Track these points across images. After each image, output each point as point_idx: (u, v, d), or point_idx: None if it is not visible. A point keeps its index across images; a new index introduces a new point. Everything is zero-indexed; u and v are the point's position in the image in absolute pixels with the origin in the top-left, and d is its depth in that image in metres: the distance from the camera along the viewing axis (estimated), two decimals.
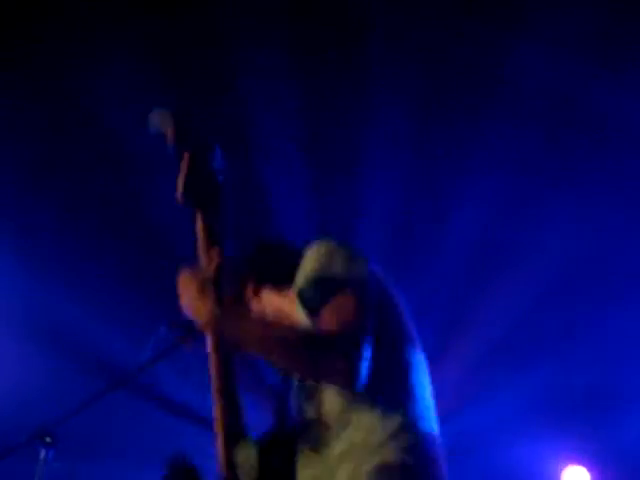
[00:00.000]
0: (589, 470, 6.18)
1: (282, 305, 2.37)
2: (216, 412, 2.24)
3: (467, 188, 5.43)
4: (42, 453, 3.14)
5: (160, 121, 2.31)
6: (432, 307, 5.86)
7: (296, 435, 2.20)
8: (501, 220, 5.50)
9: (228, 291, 2.41)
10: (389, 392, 2.12)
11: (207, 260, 2.27)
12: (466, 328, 5.99)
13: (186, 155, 2.27)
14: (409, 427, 2.10)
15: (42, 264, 5.59)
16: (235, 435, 2.27)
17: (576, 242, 5.42)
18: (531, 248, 5.59)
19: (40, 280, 5.55)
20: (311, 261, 2.20)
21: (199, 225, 2.29)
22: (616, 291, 5.74)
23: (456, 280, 5.79)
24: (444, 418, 6.16)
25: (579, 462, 6.21)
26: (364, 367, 2.01)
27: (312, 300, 2.13)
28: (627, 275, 5.67)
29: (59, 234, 5.57)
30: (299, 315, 2.17)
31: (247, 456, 2.26)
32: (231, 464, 2.20)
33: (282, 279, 2.37)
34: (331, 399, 2.12)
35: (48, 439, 3.16)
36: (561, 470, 6.23)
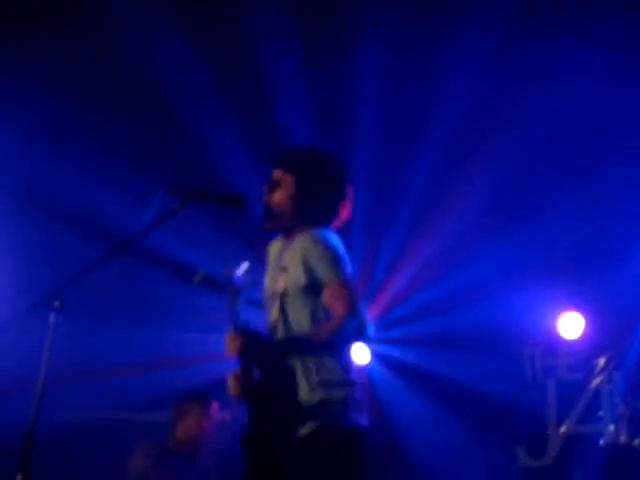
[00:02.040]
0: (584, 316, 6.32)
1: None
2: None
3: (456, 47, 5.39)
4: (52, 317, 3.20)
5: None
6: (426, 167, 5.88)
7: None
8: (492, 76, 5.47)
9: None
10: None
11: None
12: (464, 183, 6.02)
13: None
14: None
15: (39, 130, 5.55)
16: None
17: (571, 97, 5.38)
18: (527, 102, 5.57)
19: (38, 147, 5.52)
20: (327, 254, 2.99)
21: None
22: (611, 145, 5.74)
23: (449, 139, 5.79)
24: (446, 273, 6.27)
25: (574, 309, 6.34)
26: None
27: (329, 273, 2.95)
28: (623, 129, 5.65)
29: (55, 95, 5.50)
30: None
31: None
32: None
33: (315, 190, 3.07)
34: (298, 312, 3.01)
35: (57, 303, 3.22)
36: (557, 317, 6.36)
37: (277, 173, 3.13)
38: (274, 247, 3.23)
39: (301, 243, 3.05)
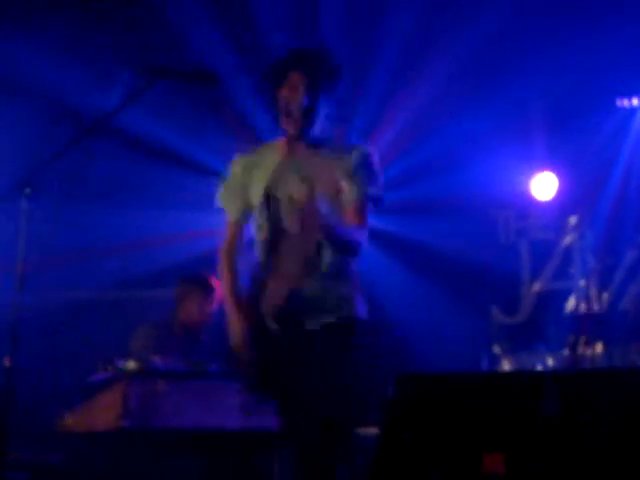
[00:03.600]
0: (557, 176, 6.37)
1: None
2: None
3: None
4: (24, 204, 3.19)
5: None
6: (398, 34, 5.78)
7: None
8: None
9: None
10: None
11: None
12: (434, 47, 5.93)
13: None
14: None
15: (8, 11, 5.38)
16: None
17: None
18: None
19: (6, 28, 5.36)
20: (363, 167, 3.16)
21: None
22: (582, 7, 5.66)
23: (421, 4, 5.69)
24: (419, 141, 6.24)
25: (547, 169, 6.39)
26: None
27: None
28: None
29: None
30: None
31: None
32: None
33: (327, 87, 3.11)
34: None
35: (27, 190, 3.20)
36: (530, 177, 6.42)
37: (295, 76, 3.09)
38: (284, 154, 3.18)
39: (336, 153, 3.13)
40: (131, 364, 4.09)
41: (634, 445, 2.28)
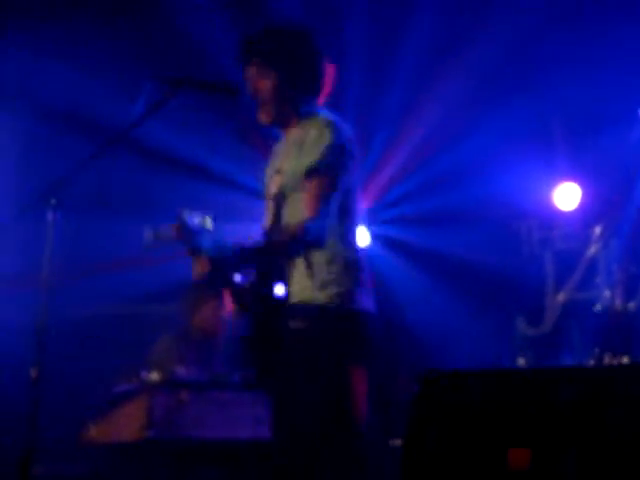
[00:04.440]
0: (580, 186, 6.34)
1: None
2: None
3: None
4: (49, 216, 3.22)
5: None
6: (418, 42, 5.80)
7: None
8: None
9: None
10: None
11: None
12: (458, 57, 5.94)
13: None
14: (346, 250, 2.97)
15: (29, 30, 5.44)
16: None
17: None
18: None
19: (28, 47, 5.43)
20: (318, 143, 2.90)
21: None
22: (608, 9, 5.64)
23: (442, 12, 5.70)
24: (440, 151, 6.22)
25: (570, 179, 6.36)
26: (327, 233, 2.87)
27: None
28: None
29: None
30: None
31: None
32: None
33: (286, 66, 2.97)
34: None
35: (53, 201, 3.23)
36: (553, 189, 6.39)
37: (247, 69, 3.04)
38: (275, 148, 3.18)
39: (297, 133, 2.99)
40: (155, 375, 4.11)
41: None
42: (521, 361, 5.85)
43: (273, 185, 3.03)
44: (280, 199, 2.98)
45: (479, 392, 2.43)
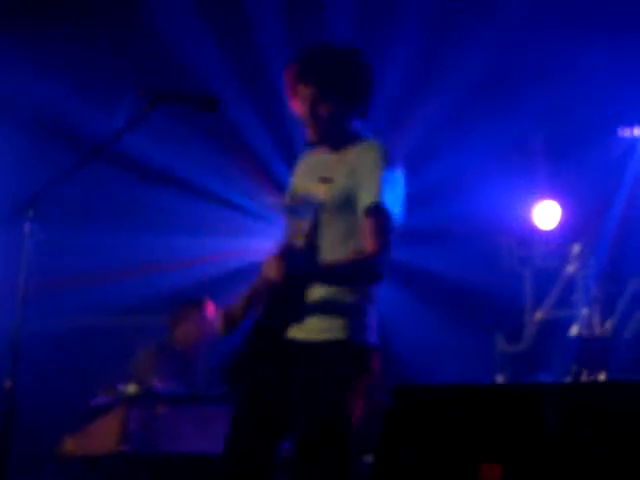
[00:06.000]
0: (560, 204, 6.38)
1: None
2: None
3: None
4: (26, 227, 3.21)
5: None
6: (401, 59, 5.83)
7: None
8: None
9: None
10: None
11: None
12: (438, 74, 5.98)
13: None
14: None
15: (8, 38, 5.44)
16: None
17: None
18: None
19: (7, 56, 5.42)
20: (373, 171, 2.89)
21: None
22: (583, 31, 5.70)
23: (426, 31, 5.74)
24: (420, 168, 6.23)
25: (550, 198, 6.40)
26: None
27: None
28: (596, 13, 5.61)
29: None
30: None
31: None
32: None
33: (345, 89, 2.93)
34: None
35: (30, 212, 3.22)
36: (533, 206, 6.43)
37: (308, 87, 2.93)
38: (310, 158, 3.09)
39: (355, 152, 2.93)
40: (131, 388, 4.10)
41: (635, 459, 2.27)
42: (500, 378, 5.87)
43: (318, 191, 2.91)
44: (322, 209, 2.88)
45: (451, 407, 2.43)
